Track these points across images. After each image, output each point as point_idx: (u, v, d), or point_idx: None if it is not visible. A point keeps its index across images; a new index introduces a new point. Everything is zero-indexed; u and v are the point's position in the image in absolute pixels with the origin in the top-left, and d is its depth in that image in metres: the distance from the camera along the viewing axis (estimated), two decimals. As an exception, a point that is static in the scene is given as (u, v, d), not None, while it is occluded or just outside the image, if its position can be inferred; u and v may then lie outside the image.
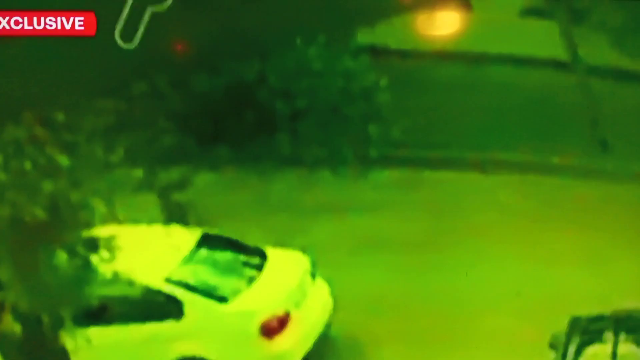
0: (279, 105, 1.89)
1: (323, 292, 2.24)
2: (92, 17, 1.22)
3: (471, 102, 2.68)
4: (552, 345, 1.99)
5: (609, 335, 2.00)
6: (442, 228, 1.99)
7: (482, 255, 1.98)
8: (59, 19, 1.19)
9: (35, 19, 1.21)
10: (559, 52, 1.95)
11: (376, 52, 1.95)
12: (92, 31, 1.25)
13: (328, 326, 2.09)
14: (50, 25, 1.21)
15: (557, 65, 1.97)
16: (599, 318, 2.00)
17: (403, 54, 1.93)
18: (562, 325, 1.92)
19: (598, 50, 1.95)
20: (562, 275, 1.98)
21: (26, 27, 1.21)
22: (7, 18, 1.16)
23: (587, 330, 2.00)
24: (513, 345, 1.99)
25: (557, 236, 2.01)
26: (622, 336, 2.00)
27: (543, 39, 1.93)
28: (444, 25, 1.94)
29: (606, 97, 1.96)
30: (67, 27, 1.23)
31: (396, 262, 1.98)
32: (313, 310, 2.18)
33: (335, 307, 2.01)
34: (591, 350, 2.00)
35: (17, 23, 1.18)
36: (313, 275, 2.23)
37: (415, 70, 1.94)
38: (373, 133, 2.02)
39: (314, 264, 2.01)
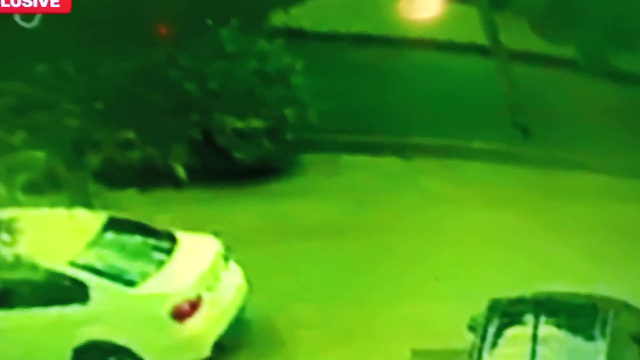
0: (190, 86, 1.74)
1: (237, 276, 2.18)
2: None
3: (391, 86, 2.66)
4: (471, 328, 1.99)
5: (529, 318, 2.03)
6: (362, 213, 1.91)
7: (402, 240, 1.92)
8: None
9: None
10: (479, 37, 1.90)
11: (291, 34, 1.82)
12: (68, 9, 1.32)
13: (242, 310, 2.03)
14: (27, 3, 1.27)
15: (478, 50, 1.92)
16: (519, 301, 2.02)
17: (319, 37, 1.80)
18: (482, 308, 1.91)
19: (519, 35, 1.93)
20: (482, 258, 1.97)
21: (3, 4, 1.28)
22: None
23: (507, 312, 2.01)
24: (432, 329, 1.97)
25: (478, 220, 1.98)
26: (543, 318, 2.04)
27: (463, 24, 1.87)
28: (362, 8, 1.83)
29: (527, 83, 1.94)
30: (44, 4, 1.29)
31: (315, 246, 1.88)
32: (226, 294, 2.12)
33: (251, 291, 1.91)
34: (511, 332, 2.02)
35: None
36: (226, 259, 2.18)
37: (332, 53, 1.81)
38: (289, 116, 1.91)
39: (227, 248, 1.90)
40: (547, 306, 2.03)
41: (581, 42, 1.96)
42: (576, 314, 2.04)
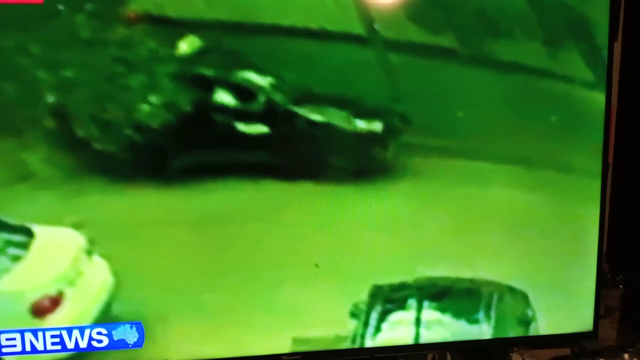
0: (42, 75, 1.62)
1: (101, 270, 2.07)
2: None
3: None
4: (353, 314, 1.97)
5: (412, 303, 2.03)
6: (236, 202, 1.83)
7: (279, 226, 1.87)
8: None
9: None
10: (354, 26, 1.87)
11: (154, 20, 1.72)
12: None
13: (109, 304, 1.93)
14: None
15: (353, 39, 1.89)
16: (402, 286, 2.02)
17: (185, 24, 1.72)
18: (364, 295, 1.96)
19: (396, 24, 1.91)
20: (362, 244, 1.94)
21: None
22: None
23: (390, 298, 2.01)
24: (313, 316, 1.92)
25: (358, 206, 1.95)
26: (426, 303, 2.05)
27: (336, 12, 1.85)
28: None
29: (406, 73, 1.93)
30: None
31: (185, 238, 1.79)
32: (90, 289, 2.00)
33: (118, 285, 1.80)
34: (395, 317, 2.01)
35: None
36: (90, 253, 2.05)
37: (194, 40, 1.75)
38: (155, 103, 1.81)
39: (91, 241, 1.80)
40: (430, 291, 2.04)
41: (459, 31, 1.97)
42: (460, 299, 2.06)
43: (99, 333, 1.68)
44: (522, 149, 2.06)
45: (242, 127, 1.84)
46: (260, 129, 1.86)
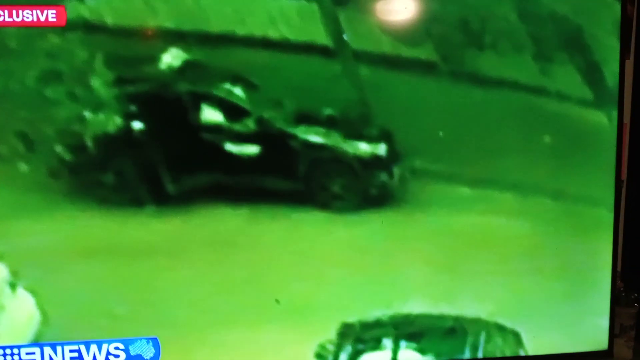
0: None
1: (27, 305, 1.90)
2: (62, 9, 1.46)
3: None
4: (319, 356, 1.78)
5: (387, 343, 1.83)
6: (169, 232, 1.64)
7: (234, 257, 1.68)
8: (34, 12, 1.44)
9: (14, 11, 1.44)
10: (319, 36, 1.71)
11: (90, 28, 1.57)
12: (63, 22, 1.47)
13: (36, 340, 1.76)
14: (27, 18, 1.44)
15: (318, 51, 1.72)
16: (376, 324, 1.82)
17: (124, 32, 1.56)
18: (331, 334, 1.75)
19: (367, 34, 1.75)
20: (328, 278, 1.74)
21: (7, 19, 1.45)
22: None
23: (362, 337, 1.81)
24: (276, 356, 1.73)
25: (327, 234, 1.76)
26: (403, 343, 1.84)
27: (300, 21, 1.68)
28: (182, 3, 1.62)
29: (378, 86, 1.76)
30: (42, 19, 1.45)
31: (118, 268, 1.60)
32: (14, 325, 1.84)
33: (46, 322, 1.61)
34: (367, 359, 1.81)
35: None
36: (13, 286, 1.90)
37: (138, 49, 1.59)
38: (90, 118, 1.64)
39: (14, 274, 1.64)
40: (409, 330, 1.83)
41: (439, 44, 1.79)
42: (443, 338, 1.85)
43: (116, 348, 1.60)
44: (511, 172, 1.86)
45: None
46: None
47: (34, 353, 1.59)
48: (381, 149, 1.78)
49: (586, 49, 1.88)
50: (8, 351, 1.59)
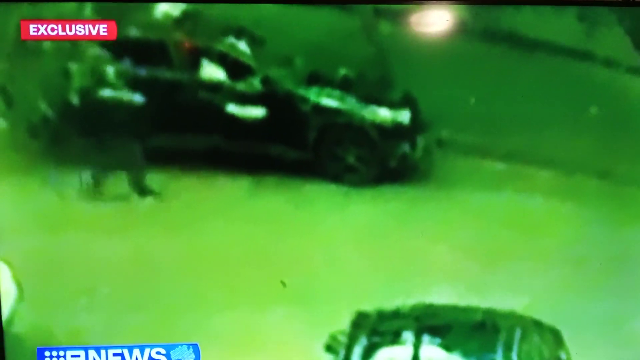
0: None
1: (3, 279, 1.73)
2: (113, 24, 1.46)
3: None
4: (330, 348, 1.56)
5: (407, 337, 1.60)
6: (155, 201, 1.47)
7: (234, 232, 1.50)
8: (86, 26, 1.45)
9: (67, 26, 1.44)
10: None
11: None
12: (114, 36, 1.46)
13: (10, 322, 1.56)
14: (80, 32, 1.45)
15: (336, 6, 1.53)
16: (394, 314, 1.60)
17: None
18: (344, 323, 1.55)
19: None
20: (342, 259, 1.53)
21: (60, 33, 1.44)
22: (44, 25, 1.43)
23: (378, 329, 1.60)
24: (274, 349, 1.53)
25: (343, 208, 1.57)
26: (426, 338, 1.62)
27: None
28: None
29: (400, 45, 1.55)
30: (94, 33, 1.45)
31: (107, 240, 1.43)
32: None
33: (22, 298, 1.45)
34: (385, 353, 1.59)
35: (52, 30, 1.44)
36: None
37: None
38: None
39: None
40: (432, 323, 1.60)
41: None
42: (471, 334, 1.62)
43: (158, 353, 1.54)
44: (552, 147, 1.64)
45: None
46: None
47: (79, 356, 1.53)
48: (403, 115, 1.58)
49: (635, 9, 1.66)
50: (54, 353, 1.53)
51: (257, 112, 1.53)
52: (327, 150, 1.57)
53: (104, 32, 1.48)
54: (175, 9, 1.50)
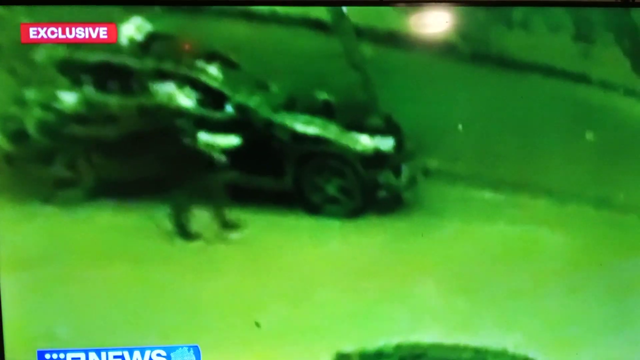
0: None
1: None
2: (113, 27, 1.41)
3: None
4: (309, 393, 1.47)
5: (392, 379, 1.51)
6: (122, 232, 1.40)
7: (191, 275, 1.42)
8: (86, 29, 1.41)
9: (67, 29, 1.40)
10: (313, 7, 1.42)
11: None
12: (114, 39, 1.41)
13: None
14: (80, 35, 1.40)
15: (312, 25, 1.43)
16: (377, 355, 1.50)
17: None
18: None
19: (370, 7, 1.45)
20: (324, 295, 1.44)
21: (60, 36, 1.39)
22: (44, 29, 1.39)
23: (362, 371, 1.51)
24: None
25: (322, 242, 1.48)
26: (412, 379, 1.52)
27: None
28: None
29: (383, 69, 1.46)
30: (94, 36, 1.41)
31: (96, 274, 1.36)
32: None
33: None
34: (368, 397, 1.50)
35: (52, 33, 1.40)
36: None
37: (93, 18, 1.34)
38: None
39: None
40: (418, 362, 1.51)
41: (459, 21, 1.49)
42: (460, 374, 1.53)
43: (159, 355, 1.49)
44: (545, 175, 1.55)
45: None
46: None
47: (79, 358, 1.47)
48: (387, 143, 1.49)
49: (634, 28, 1.57)
50: (55, 356, 1.46)
51: (231, 140, 1.44)
52: (306, 181, 1.47)
53: (104, 35, 1.43)
54: (139, 34, 1.41)
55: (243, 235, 1.46)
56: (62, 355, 1.46)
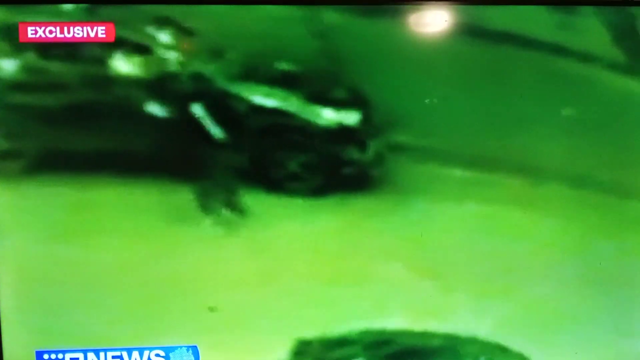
0: None
1: None
2: (111, 26, 1.37)
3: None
4: (269, 381, 1.39)
5: (357, 366, 1.43)
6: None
7: (159, 254, 1.34)
8: (84, 28, 1.37)
9: (65, 28, 1.37)
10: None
11: None
12: (112, 38, 1.36)
13: None
14: (78, 34, 1.37)
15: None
16: (341, 342, 1.42)
17: None
18: (283, 353, 1.37)
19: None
20: (283, 277, 1.35)
21: (58, 35, 1.35)
22: (42, 28, 1.37)
23: (323, 359, 1.41)
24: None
25: (282, 220, 1.40)
26: (378, 367, 1.44)
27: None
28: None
29: (348, 35, 1.37)
30: (92, 35, 1.37)
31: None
32: None
33: None
34: (330, 386, 1.42)
35: (50, 32, 1.37)
36: None
37: None
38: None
39: None
40: (384, 350, 1.42)
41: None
42: (429, 362, 1.44)
43: (157, 355, 1.45)
44: (520, 151, 1.47)
45: None
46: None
47: (77, 359, 1.43)
48: (352, 117, 1.39)
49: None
50: (53, 356, 1.43)
51: (184, 111, 1.34)
52: (265, 156, 1.38)
53: (102, 34, 1.38)
54: (85, -5, 1.31)
55: (194, 214, 1.36)
56: (60, 356, 1.43)
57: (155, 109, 1.34)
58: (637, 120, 1.51)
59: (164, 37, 1.34)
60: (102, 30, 1.37)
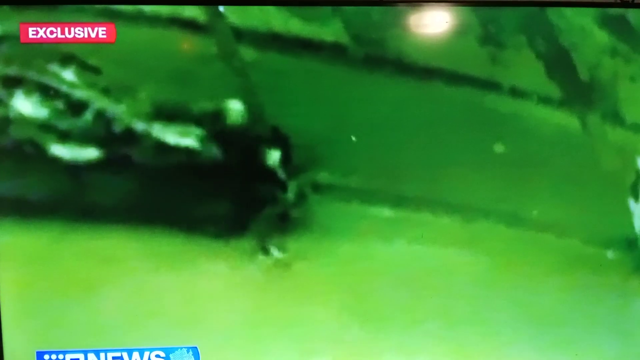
0: None
1: None
2: (112, 27, 1.33)
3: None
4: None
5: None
6: None
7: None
8: (85, 28, 1.33)
9: (66, 29, 1.32)
10: (190, 8, 1.27)
11: None
12: (113, 39, 1.32)
13: None
14: (79, 34, 1.32)
15: (184, 24, 1.28)
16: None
17: None
18: None
19: (251, 7, 1.30)
20: (202, 327, 1.28)
21: (59, 36, 1.31)
22: (44, 28, 1.32)
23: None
24: None
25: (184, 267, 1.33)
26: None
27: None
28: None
29: (267, 74, 1.30)
30: (93, 35, 1.33)
31: None
32: None
33: None
34: None
35: (52, 33, 1.33)
36: None
37: None
38: None
39: None
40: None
41: (350, 23, 1.35)
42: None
43: (157, 356, 1.41)
44: (450, 190, 1.41)
45: None
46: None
47: (78, 359, 1.40)
48: (273, 156, 1.33)
49: (549, 29, 1.44)
50: (54, 357, 1.39)
51: (89, 153, 1.28)
52: (175, 196, 1.32)
53: (102, 35, 1.34)
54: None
55: (101, 259, 1.30)
56: (60, 356, 1.40)
57: (59, 151, 1.28)
58: (570, 156, 1.45)
59: (67, 74, 1.28)
60: (103, 31, 1.33)
